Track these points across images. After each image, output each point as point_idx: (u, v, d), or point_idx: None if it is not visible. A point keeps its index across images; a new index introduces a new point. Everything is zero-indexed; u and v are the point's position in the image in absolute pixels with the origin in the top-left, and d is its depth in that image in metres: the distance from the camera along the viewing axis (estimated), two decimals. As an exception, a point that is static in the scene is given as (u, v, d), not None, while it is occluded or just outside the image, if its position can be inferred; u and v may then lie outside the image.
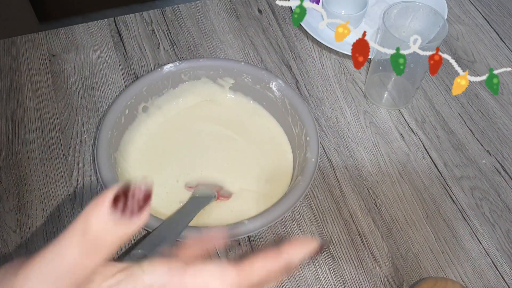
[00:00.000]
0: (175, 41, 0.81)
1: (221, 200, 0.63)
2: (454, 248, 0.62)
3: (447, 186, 0.67)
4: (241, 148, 0.68)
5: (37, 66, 0.76)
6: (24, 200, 0.63)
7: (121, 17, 0.83)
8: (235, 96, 0.73)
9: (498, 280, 0.59)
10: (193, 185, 0.64)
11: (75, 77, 0.75)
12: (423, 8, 0.66)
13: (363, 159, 0.68)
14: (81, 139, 0.69)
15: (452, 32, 0.84)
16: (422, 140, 0.71)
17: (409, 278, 0.59)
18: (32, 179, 0.65)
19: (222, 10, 0.85)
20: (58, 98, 0.73)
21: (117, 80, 0.75)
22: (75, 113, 0.71)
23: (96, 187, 0.64)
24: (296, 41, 0.82)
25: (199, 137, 0.69)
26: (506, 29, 0.85)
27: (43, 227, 0.61)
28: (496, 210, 0.65)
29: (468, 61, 0.80)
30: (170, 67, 0.70)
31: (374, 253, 0.61)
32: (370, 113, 0.73)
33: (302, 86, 0.76)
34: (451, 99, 0.75)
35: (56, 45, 0.79)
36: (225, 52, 0.79)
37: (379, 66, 0.72)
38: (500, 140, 0.71)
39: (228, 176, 0.66)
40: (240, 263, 0.31)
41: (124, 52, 0.79)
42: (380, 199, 0.65)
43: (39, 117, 0.71)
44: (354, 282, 0.59)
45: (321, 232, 0.62)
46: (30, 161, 0.66)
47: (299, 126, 0.67)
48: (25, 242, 0.60)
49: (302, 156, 0.64)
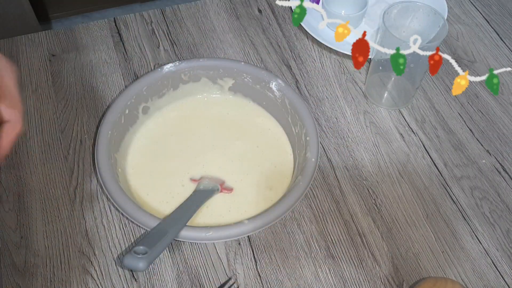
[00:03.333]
0: (175, 41, 0.81)
1: (224, 192, 0.64)
2: (454, 248, 0.62)
3: (447, 186, 0.67)
4: (241, 148, 0.68)
5: (37, 66, 0.76)
6: (24, 200, 0.63)
7: (121, 17, 0.83)
8: (235, 96, 0.73)
9: (498, 280, 0.59)
10: (197, 178, 0.65)
11: (75, 77, 0.75)
12: (423, 8, 0.66)
13: (363, 159, 0.68)
14: (81, 139, 0.69)
15: (452, 32, 0.84)
16: (422, 140, 0.71)
17: (409, 278, 0.59)
18: (32, 179, 0.65)
19: (222, 10, 0.85)
20: (58, 98, 0.73)
21: (117, 80, 0.75)
22: (75, 113, 0.71)
23: (96, 187, 0.64)
24: (296, 41, 0.82)
25: (199, 138, 0.69)
26: (506, 29, 0.85)
27: (43, 227, 0.61)
28: (496, 210, 0.65)
29: (468, 61, 0.80)
30: (170, 67, 0.70)
31: (374, 253, 0.61)
32: (370, 113, 0.73)
33: (302, 86, 0.76)
34: (451, 99, 0.75)
35: (56, 45, 0.79)
36: (225, 52, 0.79)
37: (379, 66, 0.72)
38: (500, 140, 0.71)
39: (228, 176, 0.66)
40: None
41: (124, 52, 0.79)
42: (380, 199, 0.65)
43: (39, 117, 0.71)
44: (354, 282, 0.59)
45: (321, 232, 0.62)
46: (30, 161, 0.66)
47: (299, 126, 0.67)
48: (25, 242, 0.60)
49: (302, 156, 0.64)
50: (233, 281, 0.58)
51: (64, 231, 0.61)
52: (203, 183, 0.64)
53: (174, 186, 0.65)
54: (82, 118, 0.71)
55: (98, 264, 0.59)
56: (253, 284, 0.58)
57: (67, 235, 0.61)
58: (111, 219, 0.62)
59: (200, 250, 0.60)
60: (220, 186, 0.64)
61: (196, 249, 0.60)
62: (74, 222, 0.62)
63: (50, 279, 0.57)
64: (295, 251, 0.60)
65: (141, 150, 0.68)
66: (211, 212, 0.63)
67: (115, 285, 0.57)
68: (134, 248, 0.54)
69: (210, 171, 0.66)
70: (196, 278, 0.58)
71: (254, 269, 0.59)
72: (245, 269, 0.59)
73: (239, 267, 0.59)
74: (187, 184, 0.65)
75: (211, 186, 0.64)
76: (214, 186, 0.64)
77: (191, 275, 0.58)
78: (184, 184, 0.65)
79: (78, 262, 0.59)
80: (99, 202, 0.63)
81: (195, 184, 0.65)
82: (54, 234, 0.61)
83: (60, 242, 0.60)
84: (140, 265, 0.52)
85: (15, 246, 0.59)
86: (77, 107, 0.72)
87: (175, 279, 0.58)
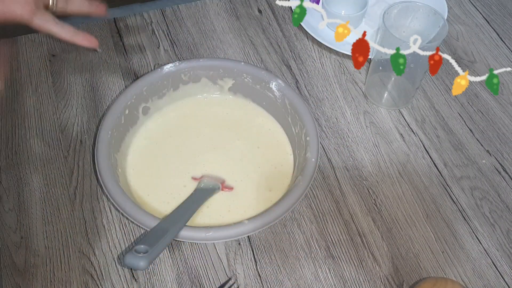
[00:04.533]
0: (175, 41, 0.81)
1: (225, 191, 0.64)
2: (454, 248, 0.62)
3: (447, 186, 0.67)
4: (241, 149, 0.68)
5: (37, 66, 0.76)
6: (24, 200, 0.63)
7: (121, 17, 0.83)
8: (235, 96, 0.73)
9: (498, 280, 0.59)
10: (198, 177, 0.65)
11: (75, 77, 0.75)
12: (423, 8, 0.66)
13: (363, 159, 0.69)
14: (81, 139, 0.69)
15: (452, 32, 0.84)
16: (422, 140, 0.71)
17: (409, 278, 0.59)
18: (32, 179, 0.65)
19: (222, 10, 0.85)
20: (58, 98, 0.73)
21: (117, 80, 0.75)
22: (75, 113, 0.71)
23: (96, 187, 0.64)
24: (296, 41, 0.82)
25: (199, 138, 0.69)
26: (506, 29, 0.85)
27: (43, 227, 0.61)
28: (496, 210, 0.65)
29: (468, 61, 0.80)
30: (170, 67, 0.70)
31: (374, 253, 0.61)
32: (370, 113, 0.73)
33: (302, 86, 0.76)
34: (451, 99, 0.75)
35: (56, 45, 0.79)
36: (225, 52, 0.79)
37: (379, 66, 0.72)
38: (500, 140, 0.71)
39: (228, 177, 0.66)
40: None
41: (124, 52, 0.79)
42: (380, 199, 0.65)
43: (39, 117, 0.71)
44: (354, 282, 0.59)
45: (321, 232, 0.62)
46: (30, 161, 0.66)
47: (299, 126, 0.67)
48: (25, 242, 0.60)
49: (302, 156, 0.64)
50: (233, 281, 0.58)
51: (64, 231, 0.61)
52: (203, 182, 0.64)
53: (174, 186, 0.65)
54: (82, 118, 0.71)
55: (98, 264, 0.59)
56: (253, 284, 0.58)
57: (67, 235, 0.61)
58: (111, 219, 0.62)
59: (200, 250, 0.60)
60: (221, 185, 0.64)
61: (196, 249, 0.60)
62: (74, 222, 0.62)
63: (50, 279, 0.57)
64: (295, 251, 0.60)
65: (141, 150, 0.68)
66: (211, 212, 0.63)
67: (115, 285, 0.57)
68: (134, 247, 0.54)
69: (211, 171, 0.66)
70: (196, 278, 0.58)
71: (254, 269, 0.59)
72: (245, 269, 0.59)
73: (239, 267, 0.59)
74: (188, 184, 0.65)
75: (212, 185, 0.64)
76: (215, 185, 0.64)
77: (191, 275, 0.58)
78: (186, 185, 0.65)
79: (78, 262, 0.59)
80: (99, 202, 0.63)
81: (196, 183, 0.65)
82: (54, 234, 0.61)
83: (60, 242, 0.60)
84: (141, 264, 0.52)
85: (15, 246, 0.59)
86: (77, 107, 0.72)
87: (175, 279, 0.58)
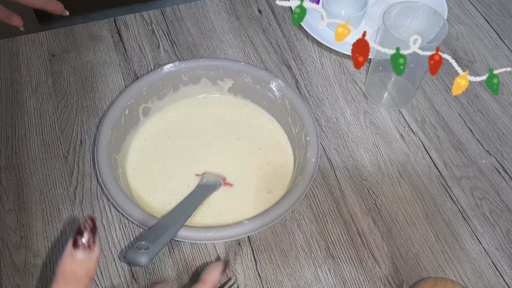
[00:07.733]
0: (175, 41, 0.81)
1: (227, 187, 0.64)
2: (454, 248, 0.62)
3: (447, 186, 0.67)
4: (241, 149, 0.68)
5: (37, 66, 0.76)
6: (24, 200, 0.63)
7: (121, 17, 0.83)
8: (235, 96, 0.73)
9: (498, 280, 0.59)
10: (199, 173, 0.65)
11: (75, 77, 0.75)
12: (423, 8, 0.66)
13: (363, 159, 0.69)
14: (81, 139, 0.69)
15: (452, 32, 0.84)
16: (422, 140, 0.71)
17: (409, 278, 0.59)
18: (32, 179, 0.65)
19: (222, 10, 0.85)
20: (58, 98, 0.73)
21: (117, 80, 0.75)
22: (75, 113, 0.71)
23: (96, 187, 0.64)
24: (296, 41, 0.82)
25: (199, 139, 0.69)
26: (506, 29, 0.85)
27: (43, 227, 0.61)
28: (496, 210, 0.65)
29: (468, 61, 0.80)
30: (170, 67, 0.70)
31: (374, 253, 0.61)
32: (370, 113, 0.73)
33: (302, 86, 0.76)
34: (451, 99, 0.75)
35: (56, 45, 0.79)
36: (225, 52, 0.79)
37: (379, 66, 0.72)
38: (500, 140, 0.71)
39: (228, 177, 0.66)
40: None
41: (124, 52, 0.79)
42: (380, 199, 0.65)
43: (39, 117, 0.71)
44: (354, 282, 0.59)
45: (321, 232, 0.62)
46: (30, 161, 0.66)
47: (299, 126, 0.67)
48: (25, 242, 0.60)
49: (302, 156, 0.64)
50: (233, 281, 0.58)
51: (64, 231, 0.61)
52: (205, 178, 0.64)
53: (174, 186, 0.65)
54: (82, 118, 0.71)
55: (98, 264, 0.59)
56: (253, 284, 0.58)
57: (67, 235, 0.61)
58: (111, 219, 0.62)
59: (200, 250, 0.60)
60: (223, 181, 0.65)
61: (196, 249, 0.60)
62: (74, 222, 0.62)
63: (50, 279, 0.57)
64: (295, 251, 0.60)
65: (142, 151, 0.68)
66: (210, 212, 0.63)
67: (115, 285, 0.57)
68: (136, 243, 0.54)
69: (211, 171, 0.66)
70: (196, 278, 0.58)
71: (254, 269, 0.59)
72: (245, 269, 0.59)
73: (239, 267, 0.59)
74: (188, 184, 0.65)
75: (214, 181, 0.64)
76: (216, 181, 0.64)
77: (191, 275, 0.58)
78: (187, 185, 0.65)
79: (78, 262, 0.59)
80: (99, 202, 0.63)
81: (197, 179, 0.65)
82: (54, 234, 0.61)
83: (60, 242, 0.60)
84: (142, 260, 0.52)
85: (15, 246, 0.59)
86: (77, 107, 0.72)
87: (175, 279, 0.58)
